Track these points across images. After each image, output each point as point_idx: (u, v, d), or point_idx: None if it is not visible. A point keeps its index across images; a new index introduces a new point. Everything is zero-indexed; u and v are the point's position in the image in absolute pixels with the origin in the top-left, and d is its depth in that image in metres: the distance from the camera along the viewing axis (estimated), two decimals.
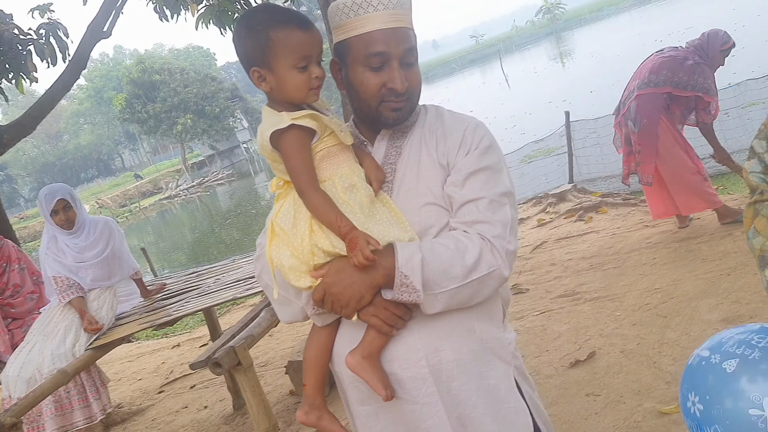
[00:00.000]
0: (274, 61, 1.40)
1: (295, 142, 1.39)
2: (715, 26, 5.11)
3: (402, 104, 1.48)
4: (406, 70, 1.47)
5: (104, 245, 4.06)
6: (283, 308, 1.57)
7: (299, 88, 1.42)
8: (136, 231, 32.33)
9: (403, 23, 1.46)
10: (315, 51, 1.41)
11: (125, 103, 48.22)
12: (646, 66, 5.10)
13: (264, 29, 1.39)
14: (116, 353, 7.11)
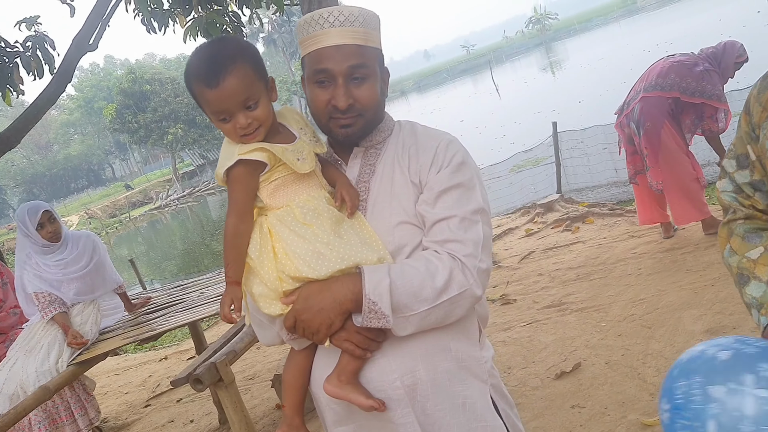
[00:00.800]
0: (204, 111, 1.44)
1: (237, 177, 1.42)
2: (702, 37, 5.15)
3: (350, 121, 1.48)
4: (353, 86, 1.46)
5: (88, 259, 4.03)
6: (261, 332, 1.58)
7: (230, 136, 1.43)
8: (126, 241, 32.18)
9: (352, 40, 1.45)
10: (231, 104, 1.38)
11: (116, 113, 48.10)
12: (654, 69, 5.05)
13: (187, 82, 1.42)
14: (103, 366, 7.05)
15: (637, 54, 22.64)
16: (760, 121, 1.39)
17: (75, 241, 4.05)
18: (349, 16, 1.45)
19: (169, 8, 5.82)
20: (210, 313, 3.64)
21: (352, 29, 1.45)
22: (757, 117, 1.39)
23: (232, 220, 1.42)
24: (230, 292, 1.39)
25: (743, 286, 1.44)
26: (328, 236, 1.40)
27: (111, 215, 43.86)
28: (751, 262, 1.44)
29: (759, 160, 1.42)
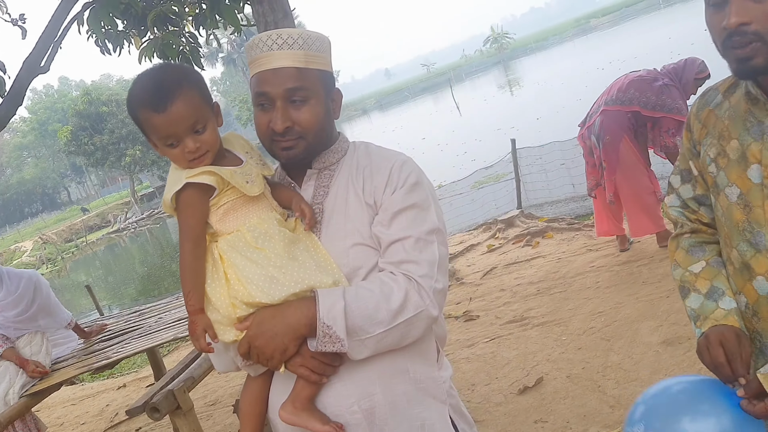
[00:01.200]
0: (149, 138, 1.42)
1: (187, 201, 1.40)
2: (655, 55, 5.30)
3: (290, 143, 1.46)
4: (293, 109, 1.45)
5: (28, 303, 3.84)
6: (216, 358, 1.55)
7: (178, 162, 1.42)
8: (82, 266, 31.39)
9: (291, 63, 1.44)
10: (179, 128, 1.37)
11: (71, 136, 47.08)
12: (616, 83, 5.15)
13: (131, 109, 1.40)
14: (58, 396, 6.82)
15: (592, 72, 23.27)
16: (700, 137, 1.43)
17: (14, 282, 3.86)
18: (288, 39, 1.45)
19: (124, 29, 5.74)
20: (168, 338, 3.56)
21: (291, 52, 1.45)
22: (698, 134, 1.44)
23: (187, 246, 1.39)
24: (199, 322, 1.37)
25: (684, 299, 1.48)
26: (281, 260, 1.38)
27: (67, 240, 42.74)
28: (693, 276, 1.48)
29: (701, 175, 1.47)
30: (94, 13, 4.98)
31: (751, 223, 1.32)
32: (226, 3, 5.18)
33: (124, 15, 5.55)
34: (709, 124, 1.41)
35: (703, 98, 1.46)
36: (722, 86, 1.42)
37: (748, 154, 1.30)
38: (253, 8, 4.34)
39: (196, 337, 1.37)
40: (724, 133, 1.36)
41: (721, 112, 1.39)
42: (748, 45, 1.20)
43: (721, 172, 1.37)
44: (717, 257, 1.48)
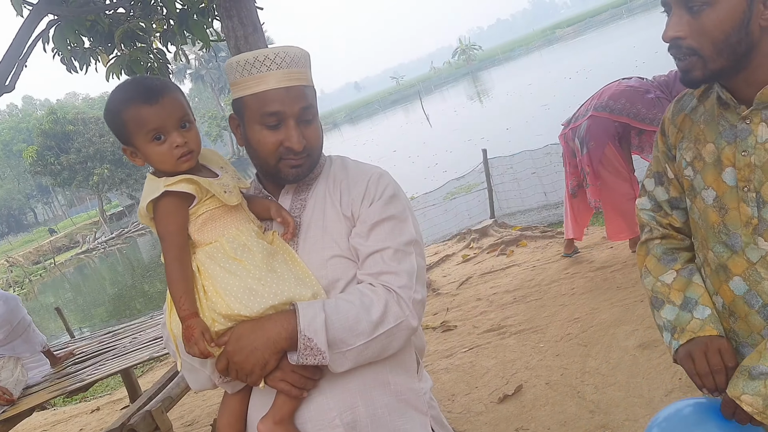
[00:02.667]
0: (133, 140, 1.40)
1: (165, 209, 1.37)
2: (620, 63, 5.39)
3: (301, 161, 1.47)
4: (303, 127, 1.46)
5: (9, 327, 3.77)
6: (191, 376, 1.51)
7: (164, 161, 1.40)
8: (51, 289, 30.68)
9: (298, 81, 1.45)
10: (169, 120, 1.38)
11: (36, 155, 46.17)
12: (608, 89, 5.15)
13: (117, 111, 1.39)
14: (30, 422, 6.64)
15: (559, 81, 23.63)
16: (675, 141, 1.46)
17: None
18: (294, 57, 1.45)
19: (90, 46, 5.68)
20: (144, 358, 3.50)
21: (297, 70, 1.45)
22: (673, 138, 1.47)
23: (172, 254, 1.37)
24: (195, 326, 1.32)
25: (658, 310, 1.50)
26: (260, 271, 1.37)
27: (35, 262, 41.80)
28: (665, 287, 1.50)
29: (677, 178, 1.50)
30: (60, 30, 4.91)
31: (727, 225, 1.34)
32: (194, 18, 5.15)
33: (90, 32, 5.49)
34: (684, 129, 1.44)
35: (678, 103, 1.49)
36: (697, 91, 1.45)
37: (723, 157, 1.33)
38: (222, 23, 4.32)
39: (194, 341, 1.32)
40: (700, 137, 1.39)
41: (696, 116, 1.42)
42: (685, 58, 1.24)
43: (697, 175, 1.39)
44: (688, 265, 1.50)
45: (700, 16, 1.20)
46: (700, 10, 1.20)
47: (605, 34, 56.68)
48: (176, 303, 1.35)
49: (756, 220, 1.29)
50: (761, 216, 1.28)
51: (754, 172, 1.27)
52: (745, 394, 1.25)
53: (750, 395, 1.25)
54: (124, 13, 5.45)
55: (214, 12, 5.05)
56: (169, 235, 1.37)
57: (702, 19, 1.20)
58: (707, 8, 1.20)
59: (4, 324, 3.76)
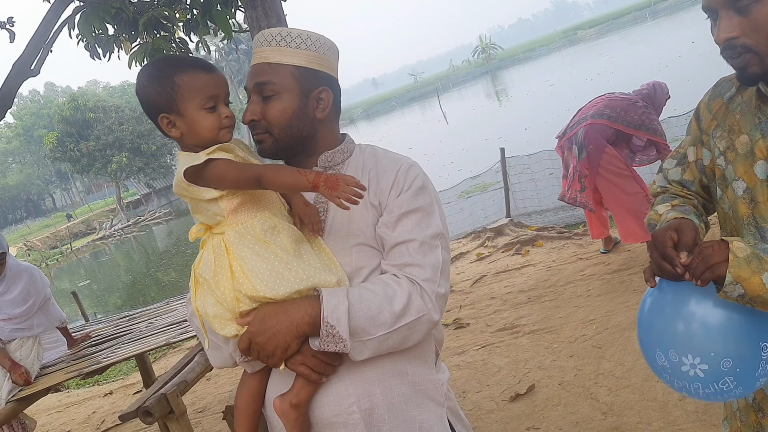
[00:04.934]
0: (182, 105, 1.40)
1: (221, 165, 1.35)
2: (643, 66, 5.51)
3: (261, 137, 1.51)
4: (263, 103, 1.50)
5: (25, 296, 3.80)
6: (213, 353, 1.54)
7: (210, 129, 1.41)
8: (67, 273, 31.03)
9: (262, 59, 1.50)
10: (222, 91, 1.43)
11: (57, 142, 46.64)
12: (600, 100, 5.32)
13: (168, 75, 1.39)
14: (44, 403, 6.73)
15: (580, 82, 23.48)
16: (708, 128, 1.46)
17: (15, 277, 3.80)
18: (267, 37, 1.51)
19: (114, 34, 5.72)
20: (160, 343, 3.52)
21: (267, 49, 1.51)
22: (706, 124, 1.47)
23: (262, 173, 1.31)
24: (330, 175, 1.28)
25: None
26: (287, 255, 1.37)
27: (51, 246, 42.29)
28: (657, 215, 1.49)
29: (696, 163, 1.51)
30: (85, 16, 4.95)
31: (756, 217, 1.34)
32: (217, 9, 5.17)
33: (115, 19, 5.53)
34: (719, 116, 1.43)
35: (716, 89, 1.48)
36: (736, 79, 1.43)
37: (756, 149, 1.32)
38: (246, 13, 4.34)
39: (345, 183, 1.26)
40: (734, 127, 1.38)
41: (733, 105, 1.41)
42: (739, 56, 1.23)
43: (729, 165, 1.39)
44: (686, 206, 1.48)
45: (750, 13, 1.20)
46: (750, 8, 1.20)
47: (628, 36, 56.16)
48: (299, 180, 1.29)
49: None
50: None
51: None
52: (737, 241, 1.22)
53: (742, 242, 1.22)
54: (148, 2, 5.48)
55: (237, 2, 5.07)
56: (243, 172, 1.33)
57: (753, 16, 1.20)
58: (757, 5, 1.19)
59: (27, 298, 3.80)
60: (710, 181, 1.49)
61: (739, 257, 1.19)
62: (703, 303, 1.27)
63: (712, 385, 1.26)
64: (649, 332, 1.37)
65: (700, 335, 1.27)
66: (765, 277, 1.18)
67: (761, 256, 1.19)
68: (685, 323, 1.29)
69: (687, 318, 1.29)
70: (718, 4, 1.23)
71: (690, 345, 1.27)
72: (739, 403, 1.53)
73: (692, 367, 1.27)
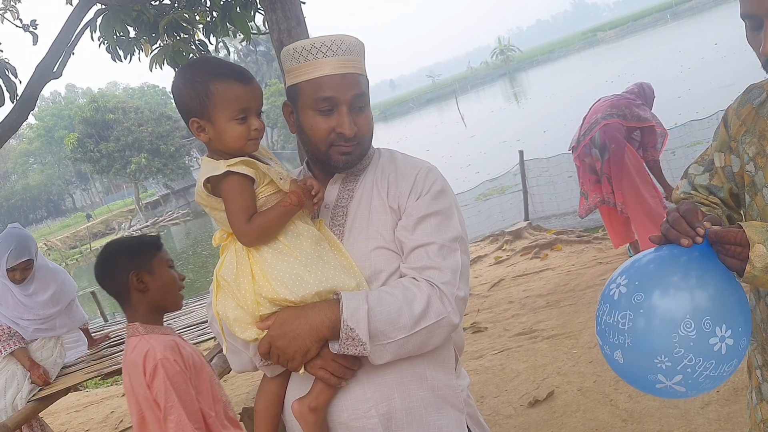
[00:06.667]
0: (213, 113, 1.41)
1: (235, 186, 1.38)
2: (664, 68, 5.52)
3: (351, 148, 1.49)
4: (355, 114, 1.47)
5: (58, 299, 3.83)
6: (233, 357, 1.54)
7: (238, 139, 1.41)
8: (86, 273, 31.30)
9: (353, 69, 1.47)
10: (254, 104, 1.43)
11: (77, 143, 47.22)
12: (601, 105, 5.35)
13: (204, 81, 1.40)
14: (63, 403, 6.79)
15: (600, 84, 23.26)
16: (737, 134, 1.42)
17: (45, 279, 3.80)
18: (350, 46, 1.47)
19: (135, 36, 5.77)
20: None
21: (352, 58, 1.47)
22: (734, 130, 1.43)
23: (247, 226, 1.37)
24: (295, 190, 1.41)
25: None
26: (307, 257, 1.38)
27: (71, 246, 42.81)
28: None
29: (723, 169, 1.48)
30: (107, 19, 5.00)
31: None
32: (237, 11, 5.20)
33: (136, 22, 5.57)
34: (748, 122, 1.40)
35: (747, 94, 1.44)
36: (767, 85, 1.40)
37: None
38: (266, 16, 4.35)
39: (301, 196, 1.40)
40: (765, 133, 1.35)
41: (764, 111, 1.38)
42: None
43: (759, 171, 1.35)
44: (708, 213, 1.43)
45: None
46: None
47: (648, 38, 55.64)
48: (285, 209, 1.39)
49: None
50: None
51: None
52: (761, 245, 1.17)
53: (764, 247, 1.16)
54: (169, 4, 5.52)
55: (257, 5, 5.09)
56: (242, 210, 1.38)
57: None
58: None
59: (59, 300, 3.83)
60: (740, 189, 1.45)
61: (757, 267, 1.16)
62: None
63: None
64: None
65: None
66: None
67: None
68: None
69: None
70: (765, 15, 1.18)
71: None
72: (762, 414, 1.49)
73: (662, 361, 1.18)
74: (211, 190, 1.41)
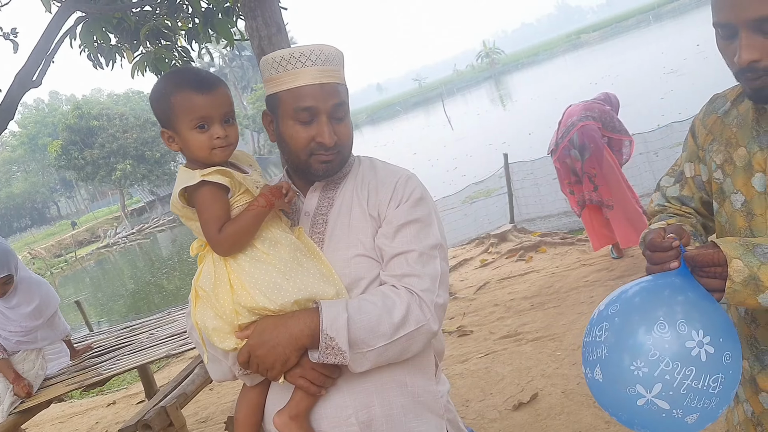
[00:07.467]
0: (176, 124, 1.43)
1: (208, 196, 1.39)
2: (647, 70, 5.69)
3: (331, 157, 1.49)
4: (335, 124, 1.48)
5: (41, 311, 3.79)
6: (213, 366, 1.54)
7: (201, 149, 1.42)
8: (72, 282, 31.09)
9: (332, 79, 1.47)
10: (216, 112, 1.42)
11: (61, 150, 46.84)
12: (576, 108, 5.47)
13: (167, 94, 1.42)
14: (47, 414, 6.73)
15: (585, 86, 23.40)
16: (704, 144, 1.45)
17: (27, 292, 3.76)
18: (329, 55, 1.47)
19: (116, 43, 5.74)
20: (160, 355, 3.52)
21: (331, 68, 1.48)
22: (702, 139, 1.46)
23: (220, 236, 1.37)
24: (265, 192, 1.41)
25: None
26: (285, 265, 1.38)
27: (56, 255, 42.38)
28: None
29: (693, 179, 1.50)
30: (87, 27, 4.97)
31: (753, 230, 1.33)
32: (219, 17, 5.19)
33: (117, 29, 5.54)
34: (715, 131, 1.42)
35: (711, 105, 1.47)
36: (731, 94, 1.43)
37: (754, 162, 1.31)
38: (246, 23, 4.34)
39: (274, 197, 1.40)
40: (731, 141, 1.37)
41: (729, 119, 1.40)
42: (759, 78, 1.21)
43: (727, 178, 1.37)
44: (683, 224, 1.46)
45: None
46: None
47: (632, 39, 56.12)
48: (255, 213, 1.38)
49: None
50: None
51: None
52: (737, 259, 1.17)
53: (741, 262, 1.17)
54: (150, 11, 5.50)
55: (238, 11, 5.08)
56: (214, 220, 1.38)
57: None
58: None
59: (42, 312, 3.80)
60: (711, 197, 1.48)
61: (736, 282, 1.16)
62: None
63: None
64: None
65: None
66: (761, 297, 1.16)
67: (758, 277, 1.16)
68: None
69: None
70: (741, 24, 1.18)
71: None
72: (739, 416, 1.51)
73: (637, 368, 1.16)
74: (187, 200, 1.42)
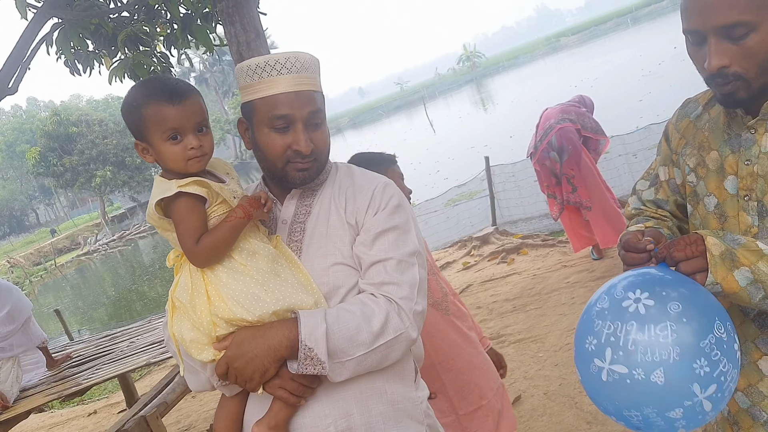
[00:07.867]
0: (148, 135, 1.41)
1: (184, 207, 1.37)
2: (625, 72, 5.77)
3: (308, 165, 1.48)
4: (311, 131, 1.48)
5: (14, 315, 3.75)
6: (191, 377, 1.52)
7: (175, 160, 1.40)
8: (52, 290, 30.67)
9: (307, 86, 1.47)
10: (188, 122, 1.40)
11: (39, 157, 46.19)
12: (553, 111, 5.54)
13: (138, 106, 1.40)
14: (27, 425, 6.62)
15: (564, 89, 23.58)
16: (678, 147, 1.47)
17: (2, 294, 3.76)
18: (305, 63, 1.47)
19: (94, 50, 5.69)
20: (141, 363, 3.48)
21: (307, 75, 1.47)
22: (675, 143, 1.48)
23: (196, 249, 1.35)
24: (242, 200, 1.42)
25: None
26: (263, 276, 1.37)
27: (35, 263, 41.78)
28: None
29: (668, 182, 1.53)
30: (64, 33, 4.92)
31: (726, 232, 1.34)
32: (197, 23, 5.16)
33: (94, 35, 5.49)
34: (688, 135, 1.45)
35: (683, 109, 1.50)
36: (702, 98, 1.45)
37: (726, 165, 1.34)
38: (225, 29, 4.32)
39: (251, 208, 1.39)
40: (704, 144, 1.39)
41: (701, 123, 1.42)
42: (729, 83, 1.24)
43: (701, 181, 1.40)
44: (659, 227, 1.48)
45: (744, 42, 1.20)
46: (744, 37, 1.19)
47: (610, 42, 56.71)
48: (233, 225, 1.37)
49: (756, 228, 1.30)
50: (762, 225, 1.29)
51: (757, 181, 1.28)
52: (711, 236, 1.21)
53: (715, 239, 1.20)
54: (128, 17, 5.46)
55: (217, 17, 5.06)
56: (191, 231, 1.37)
57: (747, 45, 1.20)
58: (752, 33, 1.19)
59: (15, 317, 3.75)
60: (685, 200, 1.50)
61: (715, 255, 1.19)
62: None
63: None
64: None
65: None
66: (737, 273, 1.17)
67: (733, 251, 1.19)
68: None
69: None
70: (710, 31, 1.21)
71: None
72: (717, 417, 1.53)
73: None
74: (164, 211, 1.40)
